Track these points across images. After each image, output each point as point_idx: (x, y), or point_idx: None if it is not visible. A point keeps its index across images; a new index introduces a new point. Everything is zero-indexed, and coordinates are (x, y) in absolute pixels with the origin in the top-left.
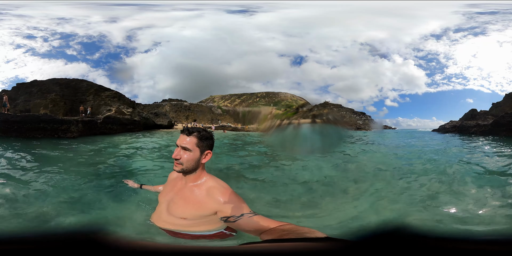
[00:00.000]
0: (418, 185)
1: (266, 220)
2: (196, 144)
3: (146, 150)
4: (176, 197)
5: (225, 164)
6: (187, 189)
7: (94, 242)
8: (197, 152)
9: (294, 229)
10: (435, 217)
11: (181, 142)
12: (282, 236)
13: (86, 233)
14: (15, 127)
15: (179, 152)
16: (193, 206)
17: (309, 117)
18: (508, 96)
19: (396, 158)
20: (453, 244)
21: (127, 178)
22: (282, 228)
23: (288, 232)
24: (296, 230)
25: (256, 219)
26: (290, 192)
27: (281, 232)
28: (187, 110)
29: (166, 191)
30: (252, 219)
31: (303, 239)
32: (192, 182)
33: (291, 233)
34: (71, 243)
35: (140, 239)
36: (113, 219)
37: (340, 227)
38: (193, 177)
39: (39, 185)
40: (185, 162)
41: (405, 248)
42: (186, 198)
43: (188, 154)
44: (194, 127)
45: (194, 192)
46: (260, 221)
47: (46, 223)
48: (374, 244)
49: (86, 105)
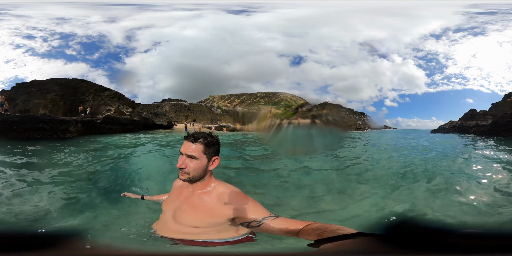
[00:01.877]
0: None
1: (289, 221)
2: (202, 151)
3: (144, 151)
4: (184, 205)
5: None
6: (196, 197)
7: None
8: (204, 159)
9: (326, 227)
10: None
11: (186, 150)
12: (321, 235)
13: (70, 238)
14: (14, 127)
15: (184, 161)
16: (204, 214)
17: (309, 117)
18: (508, 96)
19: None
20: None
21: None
22: (313, 227)
23: (322, 231)
24: (328, 228)
25: (280, 221)
26: (292, 193)
27: (315, 231)
28: (186, 110)
29: (171, 199)
30: (276, 221)
31: (340, 237)
32: (200, 189)
33: (326, 232)
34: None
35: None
36: (102, 224)
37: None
38: (201, 185)
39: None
40: (192, 171)
41: (423, 238)
42: (195, 206)
43: (194, 162)
44: (199, 132)
45: (204, 200)
46: (284, 222)
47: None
48: (401, 235)
49: (86, 105)
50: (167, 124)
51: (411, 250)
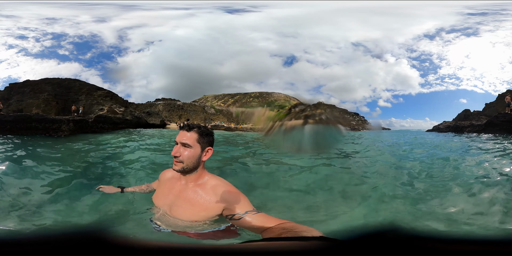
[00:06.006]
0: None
1: (268, 217)
2: (196, 140)
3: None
4: (179, 200)
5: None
6: (190, 190)
7: (90, 242)
8: (198, 148)
9: (293, 228)
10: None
11: (181, 138)
12: (281, 234)
13: (86, 233)
14: (7, 127)
15: (178, 149)
16: (201, 208)
17: (302, 117)
18: (501, 96)
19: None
20: (444, 244)
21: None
22: (282, 227)
23: (286, 231)
24: (295, 228)
25: (259, 216)
26: (287, 196)
27: (281, 230)
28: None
29: (163, 193)
30: (256, 216)
31: (299, 238)
32: (193, 182)
33: (289, 232)
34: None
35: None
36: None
37: (342, 229)
38: (194, 177)
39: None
40: (186, 159)
41: (396, 248)
42: (191, 200)
43: (188, 150)
44: (194, 124)
45: (199, 193)
46: (262, 218)
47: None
48: (363, 243)
49: (78, 105)
50: (159, 123)
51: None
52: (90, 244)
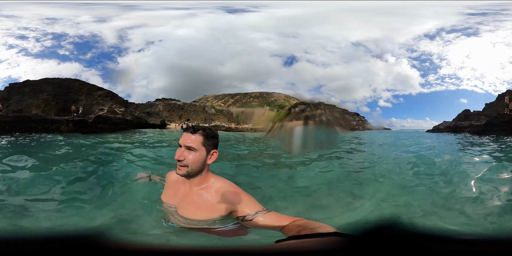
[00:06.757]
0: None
1: (279, 216)
2: (202, 143)
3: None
4: (183, 203)
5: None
6: (194, 194)
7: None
8: (203, 151)
9: (308, 224)
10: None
11: (185, 141)
12: (299, 232)
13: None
14: (6, 127)
15: (182, 153)
16: (206, 210)
17: (302, 118)
18: (501, 96)
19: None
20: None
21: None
22: (297, 224)
23: (303, 228)
24: (309, 225)
25: (271, 215)
26: (290, 194)
27: (297, 227)
28: (180, 109)
29: (169, 194)
30: (267, 215)
31: (315, 235)
32: (197, 185)
33: (305, 229)
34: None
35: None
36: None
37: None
38: (198, 180)
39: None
40: (191, 163)
41: (403, 244)
42: (195, 203)
43: (193, 154)
44: (198, 125)
45: (203, 196)
46: (275, 217)
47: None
48: (376, 239)
49: (78, 105)
50: (160, 123)
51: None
52: (90, 245)
